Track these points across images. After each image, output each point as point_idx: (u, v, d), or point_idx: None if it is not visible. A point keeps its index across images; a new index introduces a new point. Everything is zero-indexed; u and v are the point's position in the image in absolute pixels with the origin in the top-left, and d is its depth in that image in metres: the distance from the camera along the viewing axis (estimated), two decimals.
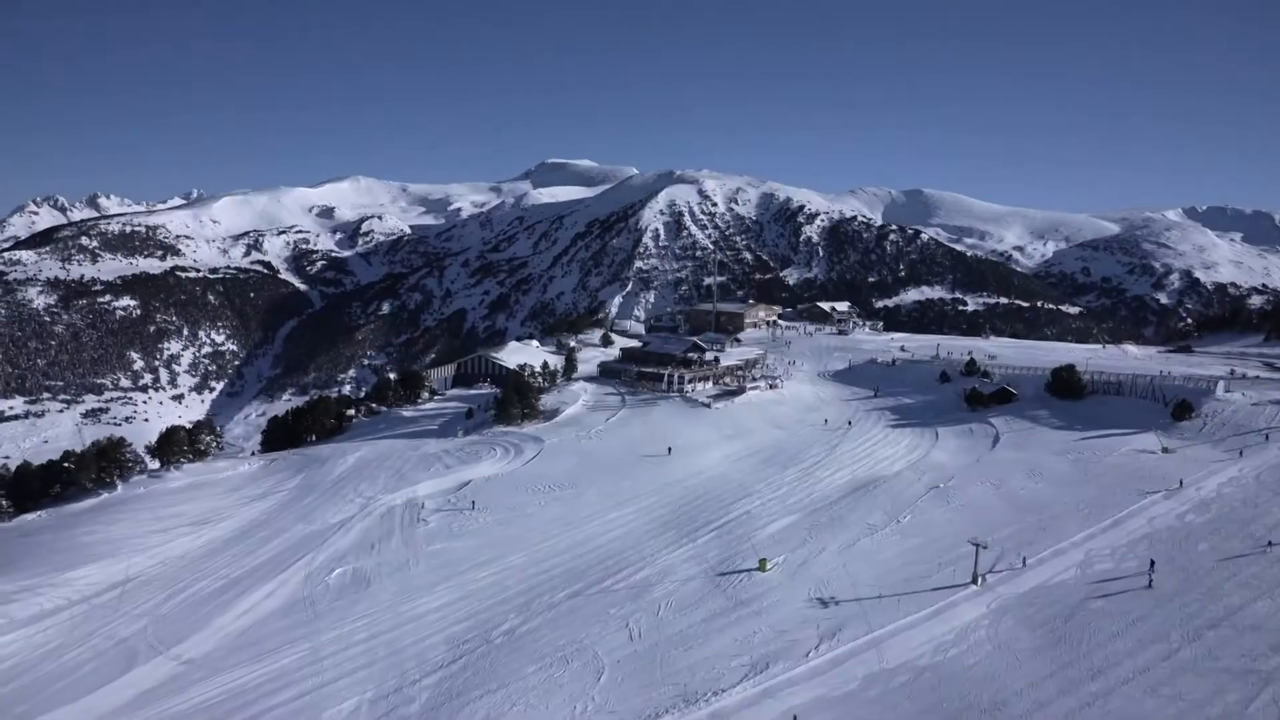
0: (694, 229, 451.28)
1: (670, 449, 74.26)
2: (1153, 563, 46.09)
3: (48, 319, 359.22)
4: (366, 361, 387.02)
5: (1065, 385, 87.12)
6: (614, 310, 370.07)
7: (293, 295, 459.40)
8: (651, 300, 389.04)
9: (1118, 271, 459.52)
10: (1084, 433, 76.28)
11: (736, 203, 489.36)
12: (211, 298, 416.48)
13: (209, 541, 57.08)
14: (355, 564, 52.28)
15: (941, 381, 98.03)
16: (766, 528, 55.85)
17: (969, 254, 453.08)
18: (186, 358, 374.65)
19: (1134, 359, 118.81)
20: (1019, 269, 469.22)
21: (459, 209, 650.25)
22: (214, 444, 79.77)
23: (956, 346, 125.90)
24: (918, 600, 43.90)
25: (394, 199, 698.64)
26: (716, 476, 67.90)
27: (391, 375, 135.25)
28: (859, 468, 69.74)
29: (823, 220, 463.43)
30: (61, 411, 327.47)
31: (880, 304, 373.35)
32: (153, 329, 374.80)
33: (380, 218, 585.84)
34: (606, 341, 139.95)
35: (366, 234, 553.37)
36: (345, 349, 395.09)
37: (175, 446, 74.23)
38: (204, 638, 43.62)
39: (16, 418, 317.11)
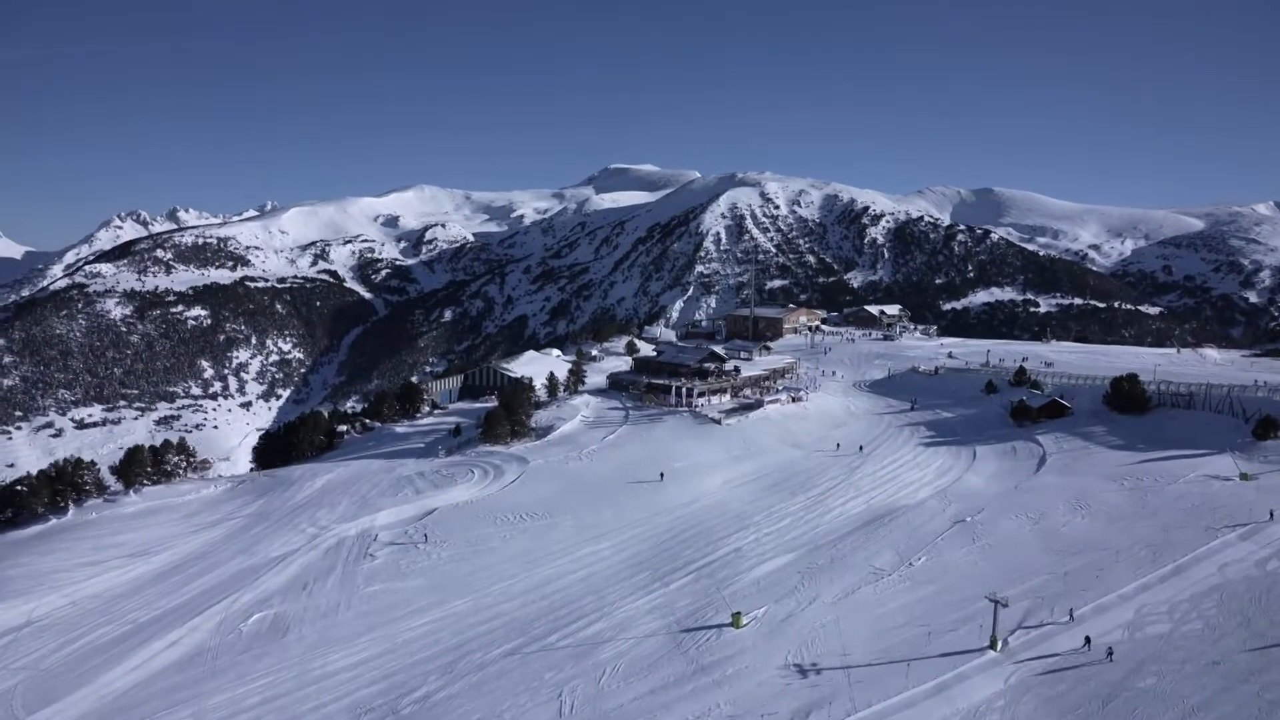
0: (756, 232, 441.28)
1: (663, 474, 66.82)
2: (1089, 639, 37.42)
3: (124, 329, 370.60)
4: (429, 368, 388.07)
5: (1126, 397, 76.68)
6: (675, 315, 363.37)
7: (358, 303, 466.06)
8: (713, 305, 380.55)
9: (1202, 269, 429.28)
10: (1145, 454, 66.37)
11: (799, 205, 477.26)
12: (279, 307, 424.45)
13: (137, 577, 52.04)
14: (279, 608, 46.50)
15: (987, 393, 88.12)
16: (754, 570, 48.42)
17: (1041, 254, 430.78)
18: (255, 366, 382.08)
19: (1213, 365, 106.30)
20: (1095, 268, 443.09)
21: (521, 215, 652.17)
22: (183, 464, 75.50)
23: (1010, 352, 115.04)
24: (920, 670, 36.55)
25: (457, 207, 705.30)
26: (712, 505, 60.42)
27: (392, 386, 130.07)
28: (878, 495, 61.38)
29: (888, 221, 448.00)
30: (136, 419, 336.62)
31: (948, 306, 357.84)
32: (222, 338, 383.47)
33: (444, 225, 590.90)
34: (632, 350, 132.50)
35: (430, 242, 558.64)
36: (408, 356, 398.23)
37: (138, 468, 70.03)
38: (80, 698, 38.39)
39: (96, 425, 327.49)
